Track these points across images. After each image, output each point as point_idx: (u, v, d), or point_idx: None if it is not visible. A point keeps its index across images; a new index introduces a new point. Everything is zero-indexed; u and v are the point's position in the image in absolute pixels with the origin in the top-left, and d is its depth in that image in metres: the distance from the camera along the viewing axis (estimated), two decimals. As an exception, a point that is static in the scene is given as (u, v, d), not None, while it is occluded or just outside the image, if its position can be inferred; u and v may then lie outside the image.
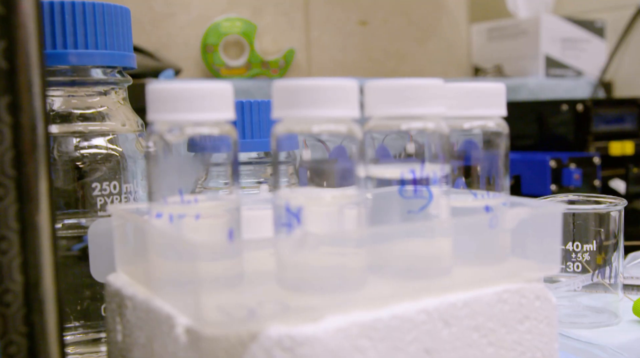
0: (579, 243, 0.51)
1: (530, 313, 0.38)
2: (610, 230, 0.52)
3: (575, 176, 0.92)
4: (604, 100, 1.08)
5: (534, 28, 1.32)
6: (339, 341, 0.31)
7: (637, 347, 0.48)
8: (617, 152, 1.04)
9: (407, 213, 0.37)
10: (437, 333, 0.34)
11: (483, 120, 0.40)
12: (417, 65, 1.31)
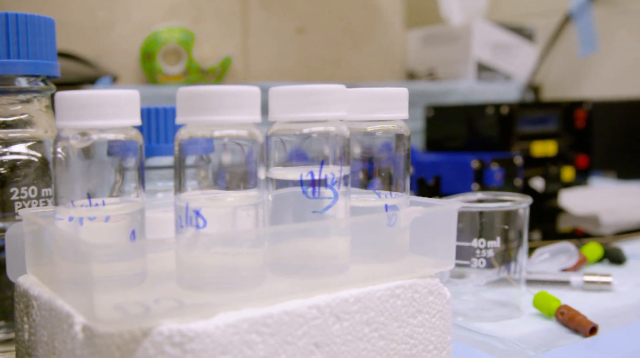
0: (483, 240, 0.52)
1: (423, 308, 0.39)
2: (515, 228, 0.53)
3: (496, 176, 0.94)
4: (528, 103, 1.10)
5: (466, 34, 1.35)
6: (229, 336, 0.32)
7: (534, 338, 0.49)
8: (539, 152, 1.06)
9: (312, 213, 0.37)
10: (328, 327, 0.35)
11: (386, 123, 0.41)
12: (353, 70, 1.32)
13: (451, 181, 0.97)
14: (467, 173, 0.94)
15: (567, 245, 0.62)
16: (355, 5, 1.33)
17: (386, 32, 1.39)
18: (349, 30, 1.32)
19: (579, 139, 1.12)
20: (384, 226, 0.40)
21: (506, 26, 1.38)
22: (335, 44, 1.30)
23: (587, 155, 1.13)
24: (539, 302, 0.53)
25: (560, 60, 1.41)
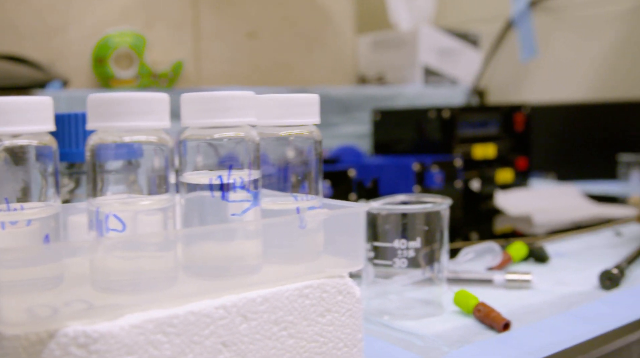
0: (405, 241, 0.53)
1: (332, 307, 0.40)
2: (435, 228, 0.55)
3: (436, 178, 0.95)
4: (469, 107, 1.12)
5: (413, 39, 1.36)
6: (134, 337, 0.33)
7: (452, 334, 0.50)
8: (480, 155, 1.08)
9: (221, 216, 0.38)
10: (236, 327, 0.36)
11: (299, 128, 0.42)
12: (304, 75, 1.33)
13: (393, 183, 0.98)
14: (409, 176, 0.96)
15: (492, 245, 0.64)
16: (306, 11, 1.34)
17: (337, 37, 1.40)
18: (300, 35, 1.33)
19: (519, 142, 1.14)
20: (293, 228, 0.41)
21: (452, 32, 1.40)
22: (285, 48, 1.31)
23: (526, 157, 1.15)
24: (458, 300, 0.55)
25: (504, 64, 1.43)
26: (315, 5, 1.35)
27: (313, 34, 1.35)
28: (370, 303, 0.56)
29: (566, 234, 0.83)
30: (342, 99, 1.25)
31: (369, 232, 0.55)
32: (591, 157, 1.28)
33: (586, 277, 0.63)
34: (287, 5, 1.31)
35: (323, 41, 1.37)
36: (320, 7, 1.36)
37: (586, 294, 0.59)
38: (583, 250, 0.75)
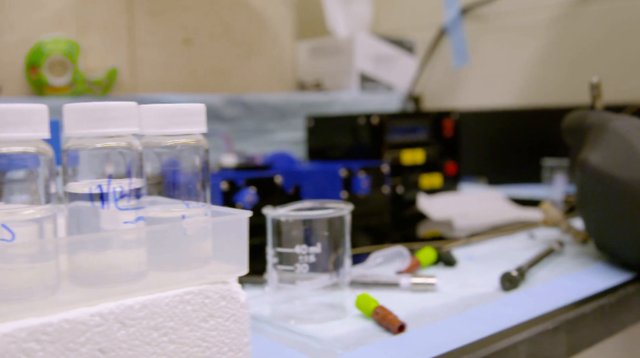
0: (305, 246, 0.54)
1: (215, 312, 0.41)
2: (336, 234, 0.56)
3: (363, 184, 0.97)
4: (398, 113, 1.14)
5: (349, 46, 1.38)
6: (5, 345, 0.33)
7: (350, 337, 0.52)
8: (408, 160, 1.10)
9: (100, 224, 0.39)
10: (113, 333, 0.37)
11: (185, 137, 0.43)
12: (241, 81, 1.34)
13: (322, 189, 0.99)
14: (336, 182, 0.97)
15: (401, 249, 0.65)
16: (243, 18, 1.34)
17: (275, 44, 1.41)
18: (236, 41, 1.33)
19: (448, 148, 1.16)
20: (176, 236, 0.41)
21: (388, 39, 1.42)
22: (222, 54, 1.31)
23: (455, 162, 1.17)
24: (360, 304, 0.56)
25: (438, 71, 1.46)
26: (253, 13, 1.36)
27: (251, 41, 1.36)
28: (278, 307, 0.57)
29: (483, 237, 0.85)
30: (278, 106, 1.26)
31: (274, 238, 0.56)
32: (519, 162, 1.31)
33: (491, 279, 0.65)
34: (224, 12, 1.32)
35: (261, 48, 1.38)
36: (258, 14, 1.37)
37: (487, 296, 0.61)
38: (496, 253, 0.77)
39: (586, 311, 0.57)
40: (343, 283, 0.57)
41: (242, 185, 0.87)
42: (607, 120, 0.66)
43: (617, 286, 0.63)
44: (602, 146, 0.64)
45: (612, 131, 0.64)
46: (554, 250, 0.73)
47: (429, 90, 1.48)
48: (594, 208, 0.66)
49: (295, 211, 0.58)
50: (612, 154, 0.63)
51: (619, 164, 0.62)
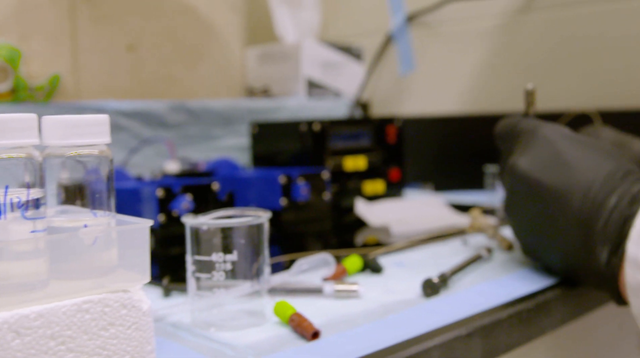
0: (222, 254, 0.55)
1: (115, 321, 0.41)
2: (255, 241, 0.57)
3: (303, 191, 0.98)
4: (340, 120, 1.15)
5: (297, 53, 1.39)
6: None
7: (266, 344, 0.52)
8: (350, 167, 1.12)
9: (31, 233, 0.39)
10: (7, 343, 0.37)
11: (89, 148, 0.43)
12: (187, 88, 1.34)
13: (262, 196, 1.00)
14: (275, 188, 0.98)
15: (326, 256, 0.66)
16: (188, 24, 1.35)
17: (223, 50, 1.42)
18: (182, 47, 1.34)
19: (391, 154, 1.18)
20: (76, 245, 0.42)
21: (335, 45, 1.43)
22: (167, 61, 1.31)
23: (399, 169, 1.19)
24: (278, 311, 0.57)
25: (385, 77, 1.48)
26: (200, 19, 1.36)
27: (197, 47, 1.37)
28: (198, 315, 0.58)
29: (416, 244, 0.86)
30: (224, 112, 1.26)
31: (192, 246, 0.56)
32: (465, 168, 1.33)
33: (414, 286, 0.66)
34: (169, 18, 1.32)
35: (208, 54, 1.38)
36: (204, 20, 1.37)
37: (407, 302, 0.62)
38: (426, 260, 0.78)
39: (502, 317, 0.59)
40: (263, 290, 0.58)
41: (178, 192, 0.87)
42: (537, 127, 0.68)
43: (537, 292, 0.65)
44: (531, 152, 0.65)
45: (541, 137, 0.66)
46: (481, 257, 0.74)
47: (377, 96, 1.50)
48: (521, 213, 0.68)
49: (216, 219, 0.58)
50: (541, 160, 0.65)
51: (547, 170, 0.64)
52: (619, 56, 1.16)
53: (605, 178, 0.61)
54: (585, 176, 0.61)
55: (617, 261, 0.59)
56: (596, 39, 1.19)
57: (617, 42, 1.17)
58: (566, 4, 1.22)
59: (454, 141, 1.35)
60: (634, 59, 1.14)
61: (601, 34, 1.18)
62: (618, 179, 0.61)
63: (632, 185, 0.60)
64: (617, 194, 0.60)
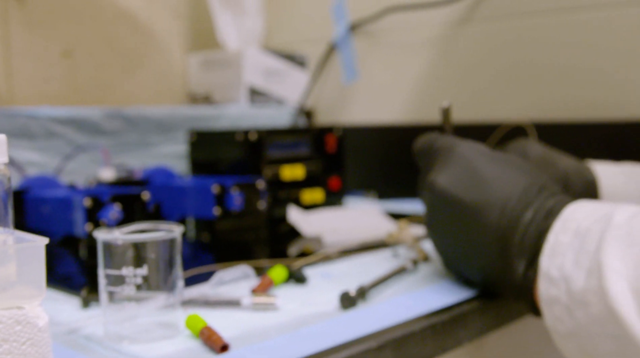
0: (132, 268, 0.56)
1: (9, 337, 0.41)
2: (167, 256, 0.57)
3: (236, 200, 0.99)
4: (278, 129, 1.16)
5: (239, 60, 1.40)
6: None
7: (176, 356, 0.53)
8: (288, 176, 1.13)
9: None
10: None
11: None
12: (124, 94, 1.34)
13: (195, 205, 1.01)
14: (209, 198, 0.99)
15: (245, 268, 0.67)
16: (126, 29, 1.35)
17: (162, 56, 1.42)
18: (119, 53, 1.34)
19: (331, 163, 1.19)
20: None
21: (279, 53, 1.44)
22: (104, 67, 1.31)
23: (339, 177, 1.20)
24: (189, 324, 0.57)
25: (330, 85, 1.49)
26: (138, 24, 1.36)
27: (134, 53, 1.37)
28: (111, 328, 0.58)
29: (346, 254, 0.87)
30: (162, 119, 1.26)
31: (104, 260, 0.57)
32: (407, 177, 1.34)
33: (335, 298, 0.67)
34: (107, 24, 1.32)
35: (146, 60, 1.39)
36: (143, 26, 1.37)
37: (324, 314, 0.63)
38: (354, 271, 0.80)
39: (415, 330, 0.60)
40: (176, 303, 0.58)
41: (107, 201, 0.87)
42: (454, 144, 0.70)
43: (454, 305, 0.66)
44: (449, 169, 0.67)
45: (458, 155, 0.68)
46: (405, 269, 0.76)
47: (321, 104, 1.51)
48: (440, 228, 0.69)
49: (129, 233, 0.59)
50: (458, 177, 0.66)
51: (464, 187, 0.65)
52: (554, 68, 1.19)
53: (521, 194, 0.63)
54: (502, 192, 0.63)
55: (532, 274, 0.61)
56: (533, 51, 1.22)
57: (552, 54, 1.20)
58: (504, 16, 1.25)
59: (397, 149, 1.37)
60: (568, 72, 1.17)
61: (538, 46, 1.21)
62: (533, 195, 0.63)
63: (547, 200, 0.62)
64: (532, 209, 0.62)
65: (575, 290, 0.56)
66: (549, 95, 1.20)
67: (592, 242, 0.56)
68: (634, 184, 0.82)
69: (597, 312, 0.54)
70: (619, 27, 1.11)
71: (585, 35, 1.15)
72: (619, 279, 0.52)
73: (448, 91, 1.32)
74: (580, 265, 0.56)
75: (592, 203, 0.62)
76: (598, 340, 0.54)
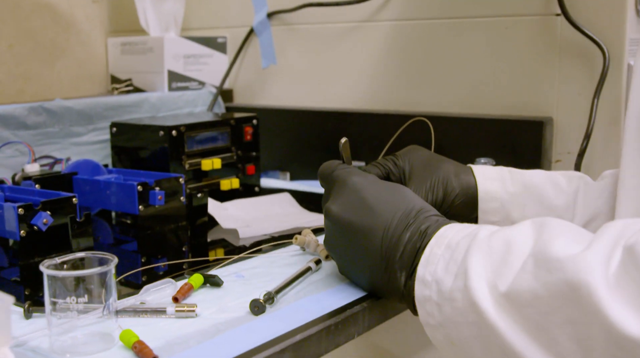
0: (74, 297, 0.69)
1: (-20, 374, 0.54)
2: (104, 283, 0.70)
3: (159, 197, 1.11)
4: (198, 123, 1.28)
5: (159, 46, 1.50)
6: None
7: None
8: (208, 167, 1.25)
9: None
10: None
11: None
12: (44, 85, 1.43)
13: (120, 201, 1.13)
14: (133, 195, 1.11)
15: (169, 280, 0.81)
16: (46, 21, 1.43)
17: (81, 44, 1.51)
18: (39, 45, 1.42)
19: (247, 151, 1.33)
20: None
21: (199, 37, 1.55)
22: (23, 60, 1.40)
23: (254, 164, 1.34)
24: (123, 338, 0.71)
25: (248, 67, 1.61)
26: (58, 13, 1.44)
27: (53, 44, 1.45)
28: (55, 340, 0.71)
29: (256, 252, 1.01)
30: (84, 110, 1.36)
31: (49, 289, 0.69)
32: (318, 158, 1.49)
33: (246, 303, 0.81)
34: (25, 17, 1.39)
35: (65, 50, 1.47)
36: (63, 14, 1.45)
37: (237, 320, 0.77)
38: (263, 269, 0.93)
39: (312, 333, 0.75)
40: (111, 315, 0.72)
41: (38, 208, 0.99)
42: (348, 176, 0.84)
43: (346, 305, 0.81)
44: (342, 198, 0.82)
45: (350, 185, 0.82)
46: (310, 269, 0.90)
47: (239, 87, 1.63)
48: (335, 246, 0.84)
49: (69, 263, 0.71)
50: (350, 204, 0.81)
51: (354, 213, 0.80)
52: (451, 67, 1.34)
53: (400, 218, 0.78)
54: (384, 217, 0.78)
55: (411, 283, 0.76)
56: (433, 51, 1.36)
57: (450, 53, 1.35)
58: (406, 19, 1.39)
59: (309, 133, 1.50)
60: (465, 72, 1.33)
61: (439, 45, 1.36)
62: (412, 218, 0.78)
63: (422, 223, 0.77)
64: (410, 231, 0.77)
65: (444, 290, 0.71)
66: (445, 90, 1.36)
67: (460, 253, 0.72)
68: (509, 187, 0.98)
69: (461, 306, 0.69)
70: (513, 34, 1.27)
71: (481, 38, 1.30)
72: (480, 280, 0.68)
73: (354, 81, 1.46)
74: (450, 270, 0.71)
75: (462, 224, 0.77)
76: (461, 327, 0.70)
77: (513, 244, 0.67)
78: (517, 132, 1.24)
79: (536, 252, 0.63)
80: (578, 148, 1.19)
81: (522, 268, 0.63)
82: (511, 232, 0.69)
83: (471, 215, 0.97)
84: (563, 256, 0.59)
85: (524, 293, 0.62)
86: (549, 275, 0.60)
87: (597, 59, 1.18)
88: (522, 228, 0.69)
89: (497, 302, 0.64)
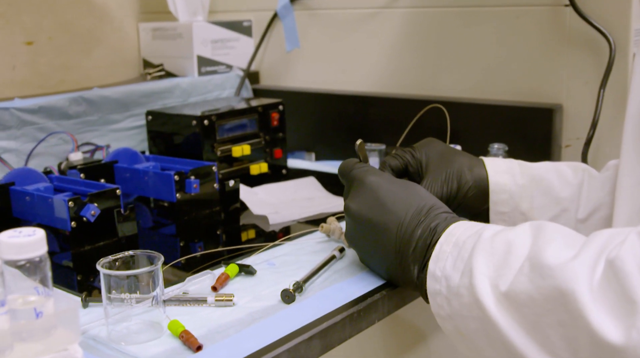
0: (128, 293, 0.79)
1: (58, 368, 0.65)
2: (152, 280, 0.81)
3: (194, 185, 1.22)
4: (228, 111, 1.37)
5: (188, 32, 1.59)
6: None
7: (162, 355, 0.77)
8: (238, 154, 1.36)
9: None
10: (-10, 395, 0.61)
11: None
12: (83, 74, 1.53)
13: (157, 189, 1.24)
14: (170, 184, 1.21)
15: (207, 272, 0.92)
16: (82, 12, 1.52)
17: (115, 31, 1.61)
18: (76, 36, 1.52)
19: (274, 136, 1.43)
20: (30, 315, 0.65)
21: (225, 21, 1.64)
22: (62, 51, 1.50)
23: (281, 148, 1.44)
24: (171, 328, 0.82)
25: (273, 50, 1.70)
26: (91, 5, 1.54)
27: (89, 34, 1.55)
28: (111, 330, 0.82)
29: (285, 240, 1.11)
30: (120, 98, 1.46)
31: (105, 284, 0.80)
32: (342, 141, 1.58)
33: (278, 291, 0.91)
34: (62, 10, 1.49)
35: (101, 39, 1.57)
36: (95, 5, 1.55)
37: (271, 309, 0.87)
38: (293, 257, 1.03)
39: (337, 320, 0.85)
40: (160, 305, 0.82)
41: (86, 201, 1.10)
42: (365, 175, 0.93)
43: (367, 293, 0.91)
44: (360, 196, 0.91)
45: (367, 184, 0.91)
46: (335, 257, 1.01)
47: (265, 69, 1.72)
48: (356, 240, 0.94)
49: (121, 260, 0.82)
50: (367, 202, 0.90)
51: (371, 210, 0.89)
52: (469, 54, 1.42)
53: (412, 215, 0.87)
54: (398, 215, 0.87)
55: (423, 276, 0.86)
56: (449, 36, 1.44)
57: (463, 40, 1.43)
58: (422, 6, 1.46)
59: (333, 114, 1.59)
60: (477, 57, 1.41)
61: (453, 32, 1.44)
62: (423, 216, 0.87)
63: (432, 220, 0.87)
64: (421, 227, 0.86)
65: (452, 286, 0.81)
66: (460, 77, 1.44)
67: (466, 251, 0.81)
68: (518, 179, 1.06)
69: (467, 301, 0.78)
70: (524, 23, 1.34)
71: (492, 27, 1.38)
72: (483, 278, 0.77)
73: (375, 65, 1.55)
74: (457, 268, 0.81)
75: (469, 222, 0.86)
76: (468, 321, 0.79)
77: (513, 246, 0.76)
78: (528, 119, 1.32)
79: (532, 256, 0.72)
80: (586, 134, 1.27)
81: (520, 271, 0.72)
82: (512, 234, 0.78)
83: (483, 206, 1.05)
84: (554, 263, 0.68)
85: (521, 294, 0.71)
86: (542, 280, 0.69)
87: (604, 49, 1.26)
88: (521, 230, 0.78)
89: (498, 300, 0.73)
